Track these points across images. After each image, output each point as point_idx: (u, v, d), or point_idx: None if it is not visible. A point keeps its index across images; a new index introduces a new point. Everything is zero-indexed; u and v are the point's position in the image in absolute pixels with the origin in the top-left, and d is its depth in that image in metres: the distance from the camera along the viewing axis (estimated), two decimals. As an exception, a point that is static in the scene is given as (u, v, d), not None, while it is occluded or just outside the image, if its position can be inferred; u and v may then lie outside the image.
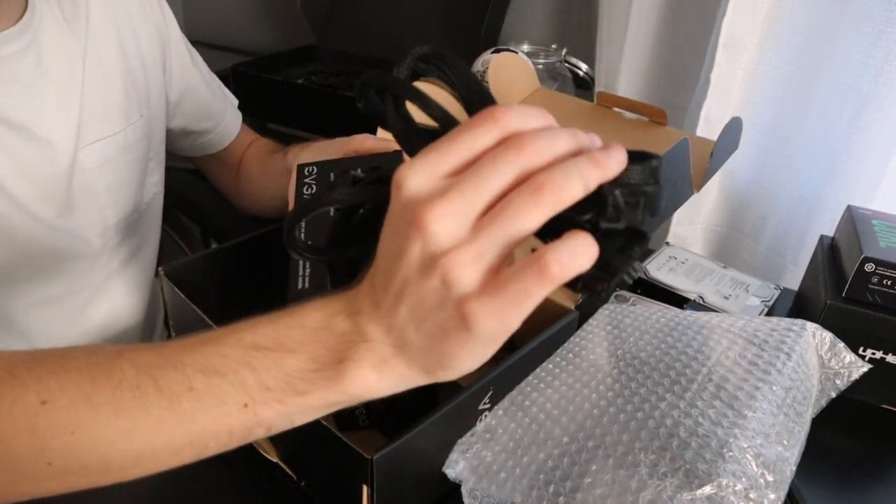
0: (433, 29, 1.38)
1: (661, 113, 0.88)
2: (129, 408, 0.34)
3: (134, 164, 0.72)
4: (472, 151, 0.30)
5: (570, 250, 0.28)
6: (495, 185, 0.29)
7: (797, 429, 0.49)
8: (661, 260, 0.75)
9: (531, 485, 0.45)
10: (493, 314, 0.29)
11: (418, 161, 0.30)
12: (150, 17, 0.73)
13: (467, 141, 0.30)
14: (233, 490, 0.52)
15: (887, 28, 0.84)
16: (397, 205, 0.30)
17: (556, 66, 1.26)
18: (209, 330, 0.36)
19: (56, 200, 0.65)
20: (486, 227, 0.28)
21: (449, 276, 0.29)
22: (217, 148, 0.86)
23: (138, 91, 0.72)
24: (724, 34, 1.00)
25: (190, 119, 0.81)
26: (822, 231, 0.79)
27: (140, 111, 0.72)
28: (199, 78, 0.81)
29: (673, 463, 0.43)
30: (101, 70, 0.68)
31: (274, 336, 0.34)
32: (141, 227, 0.77)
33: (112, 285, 0.74)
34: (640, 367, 0.53)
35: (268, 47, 1.64)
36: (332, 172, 0.56)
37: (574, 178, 0.28)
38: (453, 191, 0.28)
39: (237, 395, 0.33)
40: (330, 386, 0.33)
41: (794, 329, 0.56)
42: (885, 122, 0.88)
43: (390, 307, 0.31)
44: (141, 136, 0.72)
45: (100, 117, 0.67)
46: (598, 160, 0.29)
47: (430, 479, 0.48)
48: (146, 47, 0.73)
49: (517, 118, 0.30)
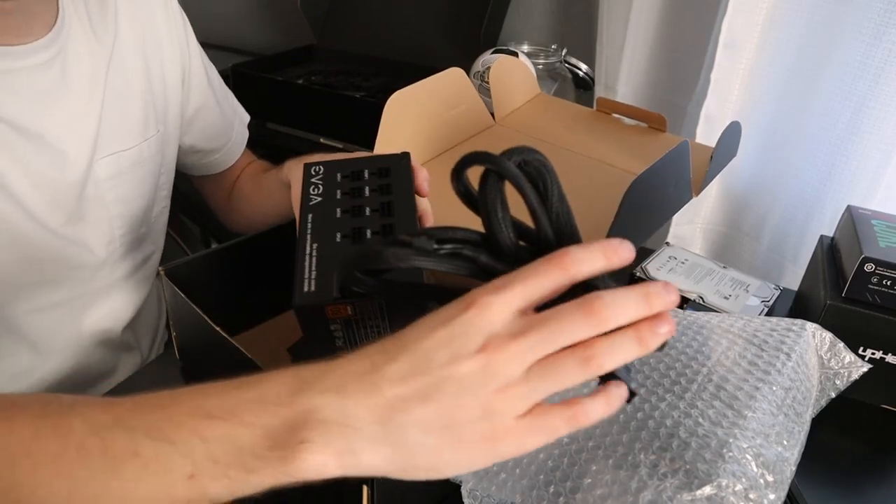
0: (433, 29, 1.38)
1: (661, 119, 0.88)
2: (70, 470, 0.33)
3: (146, 179, 0.72)
4: (543, 294, 0.33)
5: (604, 404, 0.34)
6: (559, 343, 0.32)
7: (797, 429, 0.49)
8: (661, 260, 0.75)
9: (531, 485, 0.45)
10: (519, 440, 0.32)
11: (500, 293, 0.32)
12: (174, 36, 0.74)
13: (540, 286, 0.33)
14: (233, 490, 0.52)
15: (887, 28, 0.84)
16: (467, 323, 0.32)
17: (556, 66, 1.26)
18: (156, 395, 0.34)
19: (65, 209, 0.65)
20: (535, 376, 0.32)
21: (494, 407, 0.31)
22: (220, 168, 0.87)
23: (157, 107, 0.72)
24: (724, 34, 1.00)
25: (199, 137, 0.82)
26: (822, 231, 0.79)
27: (157, 126, 0.72)
28: (213, 98, 0.82)
29: (673, 463, 0.43)
30: (124, 84, 0.68)
31: (230, 406, 0.33)
32: (147, 240, 0.77)
33: (115, 292, 0.74)
34: (640, 367, 0.53)
35: (268, 47, 1.63)
36: (338, 173, 0.56)
37: (618, 356, 0.32)
38: (524, 337, 0.31)
39: (184, 466, 0.32)
40: (281, 467, 0.32)
41: (794, 329, 0.56)
42: (885, 122, 0.88)
43: (404, 402, 0.31)
44: (155, 151, 0.73)
45: (117, 131, 0.68)
46: (643, 338, 0.33)
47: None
48: (169, 65, 0.73)
49: (586, 267, 0.33)
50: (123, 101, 0.68)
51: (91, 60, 0.65)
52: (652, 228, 0.74)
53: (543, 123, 0.90)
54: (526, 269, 0.33)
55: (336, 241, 0.49)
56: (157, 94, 0.72)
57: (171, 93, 0.74)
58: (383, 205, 0.52)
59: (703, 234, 1.19)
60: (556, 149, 0.85)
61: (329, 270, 0.46)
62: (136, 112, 0.70)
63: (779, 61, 0.98)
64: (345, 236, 0.49)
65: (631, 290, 0.33)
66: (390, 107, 0.73)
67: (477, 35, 1.27)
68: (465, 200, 0.37)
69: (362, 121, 0.86)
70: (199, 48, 0.79)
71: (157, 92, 0.72)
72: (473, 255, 0.35)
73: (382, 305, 0.45)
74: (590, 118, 0.93)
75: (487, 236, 0.36)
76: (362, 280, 0.37)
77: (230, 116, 0.85)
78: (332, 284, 0.44)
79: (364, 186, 0.54)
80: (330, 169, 0.56)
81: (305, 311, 0.44)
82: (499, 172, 0.34)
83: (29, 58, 0.60)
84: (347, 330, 0.46)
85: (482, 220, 0.36)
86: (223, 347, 0.51)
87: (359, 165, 0.56)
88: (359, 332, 0.46)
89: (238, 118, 0.87)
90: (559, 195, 0.36)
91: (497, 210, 0.35)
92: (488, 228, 0.35)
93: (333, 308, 0.44)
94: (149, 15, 0.71)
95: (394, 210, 0.51)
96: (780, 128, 1.02)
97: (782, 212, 1.04)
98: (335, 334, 0.46)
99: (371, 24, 1.44)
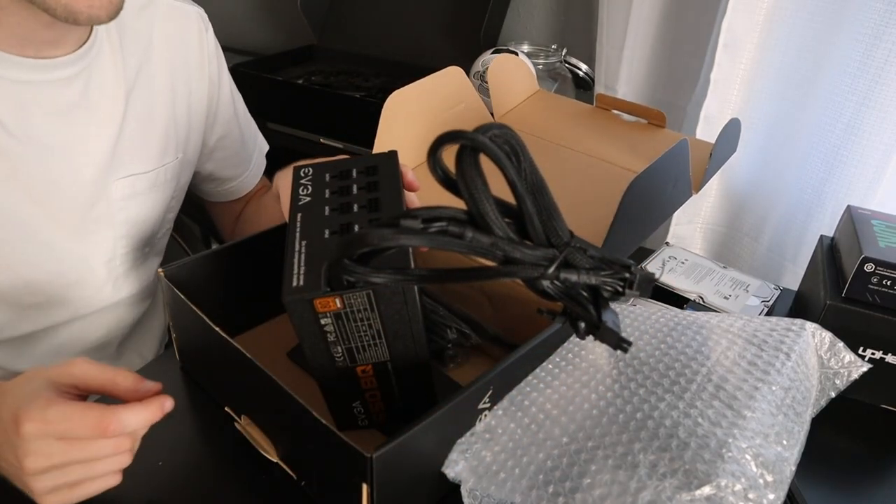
0: (433, 29, 1.38)
1: (660, 115, 0.88)
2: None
3: (157, 203, 0.73)
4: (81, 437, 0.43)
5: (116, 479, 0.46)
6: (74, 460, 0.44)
7: (797, 429, 0.49)
8: (661, 260, 0.75)
9: (530, 485, 0.45)
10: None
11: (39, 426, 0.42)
12: (206, 67, 0.75)
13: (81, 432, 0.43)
14: (233, 490, 0.52)
15: (887, 28, 0.84)
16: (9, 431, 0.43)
17: (556, 66, 1.26)
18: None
19: (69, 225, 0.65)
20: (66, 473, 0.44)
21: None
22: (234, 196, 0.88)
23: (178, 134, 0.73)
24: (724, 34, 1.00)
25: (218, 165, 0.83)
26: (822, 231, 0.79)
27: (175, 154, 0.73)
28: (238, 128, 0.83)
29: (672, 463, 0.43)
30: (147, 110, 0.69)
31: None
32: (149, 260, 0.77)
33: (114, 308, 0.74)
34: (640, 368, 0.53)
35: (268, 47, 1.64)
36: (327, 173, 0.56)
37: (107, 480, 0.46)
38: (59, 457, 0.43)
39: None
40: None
41: (794, 329, 0.56)
42: (885, 122, 0.88)
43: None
44: (171, 177, 0.73)
45: (135, 154, 0.68)
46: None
47: (429, 478, 0.48)
48: (196, 95, 0.74)
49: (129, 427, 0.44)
50: (145, 125, 0.69)
51: (115, 83, 0.65)
52: (652, 227, 0.74)
53: (543, 121, 0.90)
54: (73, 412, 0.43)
55: (325, 237, 0.49)
56: (181, 122, 0.73)
57: (195, 121, 0.75)
58: (371, 201, 0.52)
59: (703, 234, 1.19)
60: (556, 147, 0.85)
61: (318, 266, 0.46)
62: (157, 137, 0.70)
63: (779, 61, 0.98)
64: (333, 233, 0.50)
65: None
66: (389, 106, 0.73)
67: (477, 35, 1.27)
68: (444, 184, 0.38)
69: (362, 121, 0.86)
70: (230, 80, 0.80)
71: (180, 120, 0.73)
72: (459, 230, 0.36)
73: (371, 297, 0.45)
74: (589, 115, 0.92)
75: (471, 211, 0.36)
76: (350, 267, 0.37)
77: (251, 147, 0.87)
78: (321, 279, 0.44)
79: (352, 185, 0.54)
80: (318, 170, 0.57)
81: (294, 305, 0.45)
82: (473, 146, 0.35)
83: (53, 72, 0.60)
84: (338, 324, 0.46)
85: (463, 194, 0.36)
86: (223, 348, 0.51)
87: (347, 165, 0.57)
88: (350, 325, 0.46)
89: (258, 148, 0.88)
90: (531, 165, 0.37)
91: (477, 182, 0.36)
92: (470, 201, 0.36)
93: (322, 301, 0.44)
94: (183, 45, 0.72)
95: (381, 206, 0.52)
96: (780, 128, 1.02)
97: (782, 212, 1.04)
98: (326, 329, 0.46)
99: (371, 24, 1.44)
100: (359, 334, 0.47)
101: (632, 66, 1.16)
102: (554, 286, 0.38)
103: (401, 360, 0.49)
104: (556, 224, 0.38)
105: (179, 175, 0.75)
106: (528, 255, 0.37)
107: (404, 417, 0.46)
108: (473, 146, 0.35)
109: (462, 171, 0.36)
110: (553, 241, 0.38)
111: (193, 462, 0.55)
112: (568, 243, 0.37)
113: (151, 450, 0.48)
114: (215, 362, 0.57)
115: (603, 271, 0.37)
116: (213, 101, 0.77)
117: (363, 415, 0.54)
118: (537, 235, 0.38)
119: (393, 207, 0.52)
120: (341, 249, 0.38)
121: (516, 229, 0.38)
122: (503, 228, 0.37)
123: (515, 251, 0.37)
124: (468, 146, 0.35)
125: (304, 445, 0.49)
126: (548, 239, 0.38)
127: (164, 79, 0.70)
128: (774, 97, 1.01)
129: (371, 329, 0.47)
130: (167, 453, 0.54)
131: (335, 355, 0.49)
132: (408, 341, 0.48)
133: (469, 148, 0.35)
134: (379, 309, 0.46)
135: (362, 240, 0.36)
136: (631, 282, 0.37)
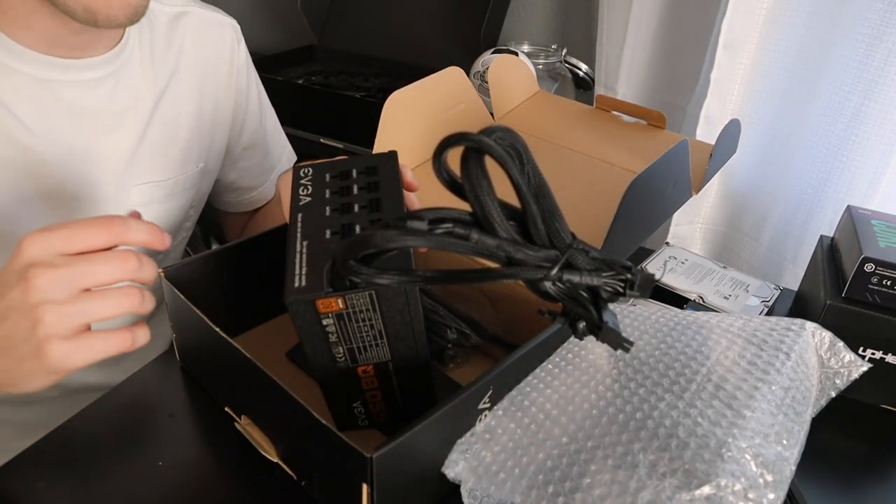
0: (433, 29, 1.38)
1: (660, 117, 0.88)
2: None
3: (176, 210, 0.73)
4: (84, 246, 0.40)
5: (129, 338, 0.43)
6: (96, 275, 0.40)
7: (796, 428, 0.49)
8: (661, 260, 0.75)
9: (530, 485, 0.45)
10: (65, 357, 0.39)
11: (41, 234, 0.39)
12: (235, 79, 0.75)
13: (82, 237, 0.40)
14: (233, 490, 0.52)
15: (887, 28, 0.84)
16: (11, 261, 0.39)
17: (556, 66, 1.26)
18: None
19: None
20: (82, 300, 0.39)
21: (39, 323, 0.38)
22: (253, 207, 0.88)
23: (202, 144, 0.73)
24: (724, 34, 1.00)
25: (241, 175, 0.83)
26: (822, 231, 0.79)
27: (197, 163, 0.73)
28: (263, 139, 0.83)
29: (672, 463, 0.43)
30: (172, 118, 0.69)
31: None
32: (161, 266, 0.77)
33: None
34: (640, 367, 0.53)
35: (268, 47, 1.64)
36: (327, 173, 0.56)
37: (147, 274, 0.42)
38: (62, 268, 0.39)
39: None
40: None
41: (794, 328, 0.56)
42: (885, 122, 0.88)
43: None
44: (190, 185, 0.73)
45: (156, 161, 0.68)
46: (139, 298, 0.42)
47: (429, 478, 0.48)
48: (223, 105, 0.74)
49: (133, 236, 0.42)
50: (169, 134, 0.68)
51: (142, 89, 0.65)
52: (652, 227, 0.74)
53: (543, 121, 0.90)
54: (76, 220, 0.40)
55: (326, 237, 0.49)
56: (205, 132, 0.73)
57: (219, 131, 0.75)
58: (371, 201, 0.52)
59: (703, 234, 1.19)
60: (556, 147, 0.85)
61: (319, 266, 0.46)
62: (180, 147, 0.70)
63: (779, 61, 0.98)
64: (334, 233, 0.50)
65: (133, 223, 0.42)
66: (389, 106, 0.73)
67: (477, 35, 1.27)
68: (449, 187, 0.38)
69: (362, 121, 0.87)
70: (260, 92, 0.81)
71: (205, 130, 0.73)
72: (465, 232, 0.36)
73: (374, 297, 0.45)
74: (589, 115, 0.92)
75: (476, 213, 0.37)
76: (356, 269, 0.37)
77: (274, 159, 0.86)
78: (323, 279, 0.44)
79: (352, 185, 0.54)
80: (318, 170, 0.57)
81: (297, 306, 0.45)
82: (478, 148, 0.35)
83: (79, 73, 0.60)
84: (340, 324, 0.46)
85: (468, 196, 0.37)
86: (223, 348, 0.51)
87: (346, 166, 0.57)
88: (352, 325, 0.46)
89: (285, 157, 0.88)
90: (534, 167, 0.37)
91: (483, 184, 0.36)
92: (476, 203, 0.36)
93: (325, 302, 0.44)
94: (214, 56, 0.72)
95: (382, 206, 0.52)
96: (780, 128, 1.02)
97: (782, 212, 1.04)
98: (328, 329, 0.46)
99: (371, 24, 1.44)
100: (360, 335, 0.47)
101: (632, 66, 1.16)
102: (556, 287, 0.38)
103: (402, 360, 0.50)
104: (559, 226, 0.38)
105: (200, 184, 0.75)
106: (531, 256, 0.37)
107: (404, 417, 0.46)
108: (479, 149, 0.35)
109: (468, 173, 0.36)
110: (555, 242, 0.38)
111: (193, 462, 0.55)
112: (570, 245, 0.38)
113: (151, 450, 0.48)
114: (215, 362, 0.57)
115: (604, 272, 0.37)
116: (241, 112, 0.77)
117: (363, 415, 0.54)
118: (540, 237, 0.38)
119: (393, 208, 0.52)
120: (346, 250, 0.38)
121: (519, 231, 0.38)
122: (507, 230, 0.37)
123: (519, 253, 0.37)
124: (474, 148, 0.35)
125: (305, 446, 0.49)
126: (550, 241, 0.38)
127: (193, 88, 0.70)
128: (774, 97, 1.01)
129: (373, 329, 0.47)
130: (167, 453, 0.54)
131: (336, 356, 0.49)
132: (409, 341, 0.48)
133: (475, 150, 0.36)
134: (381, 309, 0.46)
135: (368, 241, 0.36)
136: (632, 283, 0.37)
